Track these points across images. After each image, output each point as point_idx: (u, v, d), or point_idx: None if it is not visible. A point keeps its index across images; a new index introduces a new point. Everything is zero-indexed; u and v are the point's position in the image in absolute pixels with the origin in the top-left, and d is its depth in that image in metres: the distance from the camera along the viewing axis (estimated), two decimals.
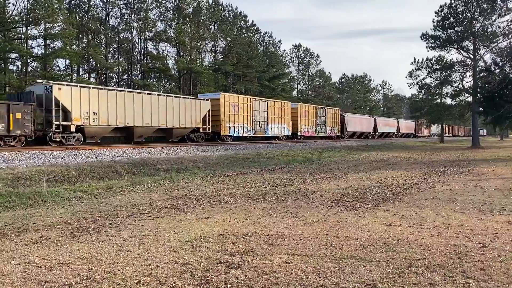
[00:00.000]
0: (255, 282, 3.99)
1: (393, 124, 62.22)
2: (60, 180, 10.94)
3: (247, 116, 30.22)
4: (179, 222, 6.65)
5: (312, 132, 38.85)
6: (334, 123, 43.27)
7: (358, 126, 49.35)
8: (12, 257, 4.81)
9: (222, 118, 27.80)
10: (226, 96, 29.04)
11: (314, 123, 39.22)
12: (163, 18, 43.90)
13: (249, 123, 30.38)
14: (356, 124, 48.96)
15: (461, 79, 38.48)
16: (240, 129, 29.45)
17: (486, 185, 11.20)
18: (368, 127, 52.04)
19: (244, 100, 30.47)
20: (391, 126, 61.30)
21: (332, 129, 42.73)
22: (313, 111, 39.35)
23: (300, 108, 37.26)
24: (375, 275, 4.14)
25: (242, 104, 29.92)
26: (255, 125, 31.13)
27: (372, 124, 53.48)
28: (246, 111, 30.09)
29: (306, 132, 37.76)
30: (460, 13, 36.80)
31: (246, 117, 30.15)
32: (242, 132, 29.58)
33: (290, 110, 35.29)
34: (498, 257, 4.76)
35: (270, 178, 12.97)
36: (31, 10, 30.49)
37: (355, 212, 7.43)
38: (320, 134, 40.22)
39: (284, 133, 34.27)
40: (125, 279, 4.08)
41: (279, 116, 33.82)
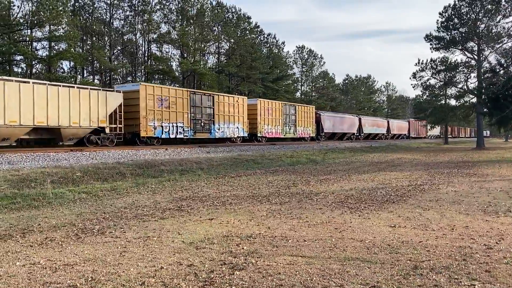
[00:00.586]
0: (259, 283, 3.98)
1: (382, 125, 56.24)
2: (64, 182, 10.98)
3: (182, 113, 24.27)
4: (183, 224, 6.66)
5: (278, 133, 33.61)
6: (307, 122, 37.81)
7: (338, 126, 44.11)
8: (17, 259, 4.83)
9: (142, 115, 21.95)
10: (148, 87, 22.93)
11: (280, 123, 33.85)
12: (167, 20, 44.03)
13: (186, 121, 24.54)
14: (335, 124, 43.62)
15: (466, 80, 38.38)
16: (172, 129, 23.76)
17: (491, 186, 11.14)
18: (351, 128, 46.86)
19: (177, 94, 24.36)
20: (380, 126, 55.45)
21: (305, 130, 37.35)
22: (279, 108, 34.03)
23: (261, 104, 31.82)
24: (379, 277, 4.13)
25: (174, 99, 23.91)
26: (194, 125, 25.27)
27: (356, 124, 48.11)
28: (181, 107, 24.26)
29: (269, 133, 32.45)
30: (464, 14, 36.70)
31: (182, 114, 24.25)
32: (175, 133, 23.98)
33: (246, 107, 29.85)
34: (503, 258, 4.73)
35: (274, 179, 12.97)
36: (35, 13, 30.63)
37: (359, 214, 7.41)
38: (288, 135, 35.19)
39: (238, 134, 28.86)
40: (129, 280, 4.08)
41: (230, 113, 28.14)
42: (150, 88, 22.89)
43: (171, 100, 23.74)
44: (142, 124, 22.02)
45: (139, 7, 41.41)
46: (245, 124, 29.78)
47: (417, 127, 67.32)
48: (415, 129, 67.35)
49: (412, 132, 66.11)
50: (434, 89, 40.29)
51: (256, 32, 55.05)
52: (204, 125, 26.19)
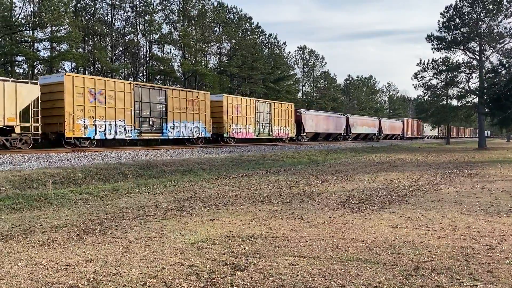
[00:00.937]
0: (261, 284, 3.98)
1: (372, 124, 52.57)
2: (66, 182, 11.00)
3: (124, 110, 20.76)
4: (185, 224, 6.66)
5: (249, 133, 30.24)
6: (286, 121, 34.41)
7: (321, 125, 40.55)
8: (19, 259, 4.83)
9: (68, 112, 18.50)
10: (76, 78, 19.33)
11: (252, 122, 30.34)
12: (168, 21, 44.07)
13: (129, 119, 20.99)
14: (318, 124, 40.00)
15: (467, 80, 38.35)
16: (109, 129, 20.30)
17: (493, 186, 11.12)
18: (337, 127, 43.51)
19: (116, 86, 20.84)
20: (370, 126, 51.85)
21: (283, 130, 34.03)
22: (251, 106, 30.43)
23: (227, 101, 28.31)
24: (381, 277, 4.12)
25: (112, 92, 20.44)
26: (140, 123, 21.78)
27: (344, 123, 45.01)
28: (122, 103, 20.68)
29: (239, 133, 29.15)
30: (466, 14, 36.68)
31: (123, 110, 20.74)
32: (113, 133, 20.56)
33: (209, 103, 26.51)
34: (505, 259, 4.72)
35: (276, 180, 12.97)
36: (37, 13, 30.70)
37: (361, 214, 7.41)
38: (262, 136, 31.96)
39: (198, 134, 25.49)
40: (131, 281, 4.09)
41: (189, 111, 24.60)
42: (78, 80, 19.26)
43: (108, 94, 20.21)
44: (67, 123, 18.46)
45: (141, 7, 41.44)
46: (208, 123, 26.29)
47: (412, 127, 64.72)
48: (411, 129, 64.23)
49: (407, 132, 62.49)
50: (436, 89, 40.27)
51: (257, 32, 55.05)
52: (154, 124, 22.51)
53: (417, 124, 66.37)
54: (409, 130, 63.09)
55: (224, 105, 27.90)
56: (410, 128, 63.70)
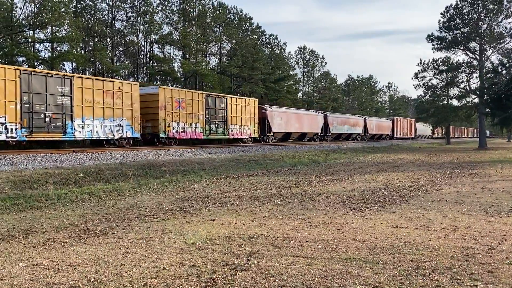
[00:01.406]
0: (261, 284, 3.99)
1: (356, 123, 47.40)
2: (67, 183, 11.01)
3: (5, 103, 16.17)
4: (185, 224, 6.67)
5: (196, 133, 24.98)
6: (247, 119, 29.35)
7: (293, 124, 35.28)
8: (20, 259, 4.84)
9: None
10: None
11: (200, 119, 25.13)
12: (169, 21, 44.10)
13: (13, 116, 16.47)
14: (289, 122, 34.68)
15: (468, 80, 38.31)
16: None
17: (494, 186, 11.12)
18: (312, 127, 38.14)
19: None
20: (354, 125, 46.85)
21: (242, 129, 28.96)
22: (199, 100, 25.18)
23: (166, 93, 23.13)
24: (381, 278, 4.12)
25: None
26: (30, 120, 17.05)
27: (321, 122, 39.57)
28: (2, 94, 16.18)
29: (181, 132, 23.89)
30: (466, 14, 36.67)
31: (3, 104, 16.16)
32: None
33: (138, 96, 21.65)
34: (506, 259, 4.72)
35: (276, 180, 12.97)
36: (38, 14, 30.74)
37: (361, 214, 7.41)
38: (215, 136, 26.67)
39: (122, 134, 20.77)
40: (132, 281, 4.09)
41: (106, 105, 19.86)
42: None
43: None
44: None
45: (141, 8, 41.48)
46: (136, 120, 21.47)
47: (403, 126, 59.96)
48: (401, 128, 59.16)
49: (397, 132, 57.33)
50: (436, 89, 40.24)
51: (257, 32, 55.07)
52: (53, 121, 17.81)
53: (409, 123, 62.52)
54: (399, 129, 58.51)
55: (160, 99, 22.74)
56: (401, 127, 59.22)
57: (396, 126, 57.10)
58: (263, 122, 31.74)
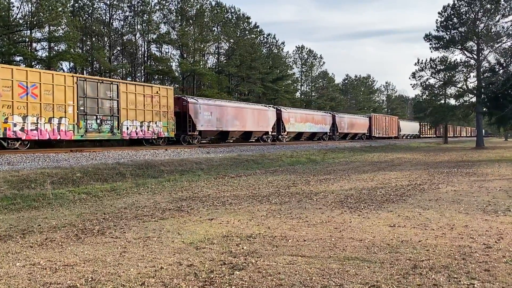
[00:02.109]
0: (259, 283, 3.99)
1: (322, 120, 40.37)
2: (64, 182, 10.99)
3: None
4: (183, 224, 6.67)
5: (64, 132, 18.53)
6: (156, 114, 22.81)
7: (229, 121, 28.31)
8: (17, 259, 4.83)
9: None
10: None
11: (69, 112, 18.66)
12: (167, 21, 44.08)
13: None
14: (223, 118, 27.87)
15: (465, 79, 38.39)
16: None
17: (491, 185, 11.15)
18: (260, 124, 31.43)
19: None
20: (319, 123, 39.78)
21: (147, 126, 22.32)
22: (66, 86, 18.61)
23: (3, 75, 16.45)
24: (379, 276, 4.14)
25: None
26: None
27: (272, 119, 32.81)
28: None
29: (30, 130, 17.31)
30: (464, 13, 36.74)
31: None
32: None
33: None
34: (502, 258, 4.74)
35: (274, 179, 12.98)
36: (35, 13, 30.66)
37: (359, 213, 7.42)
38: (95, 136, 20.14)
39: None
40: (129, 280, 4.09)
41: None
42: None
43: None
44: None
45: (139, 7, 41.44)
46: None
47: (383, 124, 53.80)
48: (381, 127, 52.88)
49: (375, 130, 51.25)
50: (434, 88, 40.29)
51: (255, 32, 55.08)
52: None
53: (390, 121, 56.78)
54: (378, 127, 52.25)
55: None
56: (380, 125, 52.91)
57: (374, 124, 51.36)
58: (184, 119, 25.09)
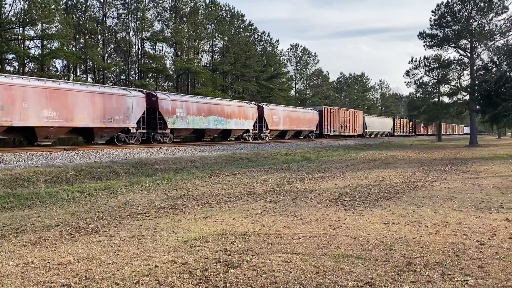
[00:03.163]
0: (254, 281, 3.99)
1: (239, 114, 29.86)
2: (58, 181, 10.93)
3: None
4: (178, 222, 6.65)
5: None
6: None
7: (88, 111, 19.44)
8: (11, 258, 4.80)
9: None
10: None
11: None
12: (160, 18, 43.86)
13: None
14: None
15: (459, 77, 38.56)
16: None
17: (484, 183, 11.22)
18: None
19: None
20: (232, 117, 28.94)
21: None
22: None
23: None
24: (373, 273, 4.15)
25: None
26: None
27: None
28: None
29: None
30: (457, 11, 36.89)
31: None
32: None
33: None
34: (496, 254, 4.77)
35: (269, 177, 12.98)
36: (27, 11, 30.38)
37: (353, 211, 7.44)
38: None
39: None
40: (124, 279, 4.08)
41: None
42: None
43: None
44: None
45: (132, 5, 41.20)
46: None
47: (340, 119, 43.71)
48: (337, 123, 42.96)
49: (327, 127, 41.28)
50: (428, 86, 40.45)
51: (250, 30, 54.97)
52: None
53: (351, 116, 46.20)
54: (332, 124, 42.14)
55: None
56: (336, 121, 42.73)
57: (326, 119, 40.84)
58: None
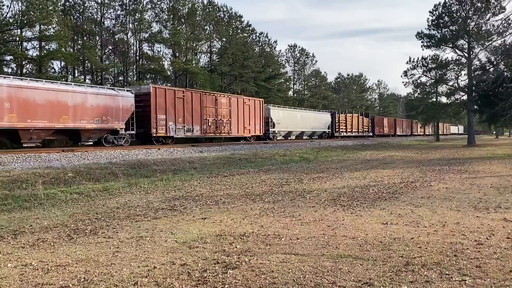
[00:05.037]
0: (252, 282, 3.99)
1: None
2: (56, 182, 10.91)
3: None
4: (176, 223, 6.65)
5: None
6: None
7: None
8: (9, 260, 4.79)
9: None
10: None
11: None
12: (158, 19, 43.81)
13: None
14: None
15: (456, 77, 38.70)
16: None
17: (482, 183, 11.25)
18: None
19: None
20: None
21: None
22: None
23: None
24: (372, 274, 4.16)
25: None
26: None
27: None
28: None
29: None
30: (455, 12, 37.00)
31: None
32: None
33: None
34: (493, 254, 4.78)
35: (267, 178, 12.98)
36: (25, 12, 30.33)
37: (351, 211, 7.45)
38: None
39: None
40: (122, 280, 4.08)
41: None
42: None
43: None
44: None
45: (130, 6, 41.16)
46: None
47: (200, 112, 25.84)
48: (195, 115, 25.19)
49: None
50: (425, 86, 40.56)
51: (248, 31, 54.95)
52: None
53: (238, 106, 28.83)
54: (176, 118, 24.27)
55: None
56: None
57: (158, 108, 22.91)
58: None
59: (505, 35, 34.86)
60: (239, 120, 28.87)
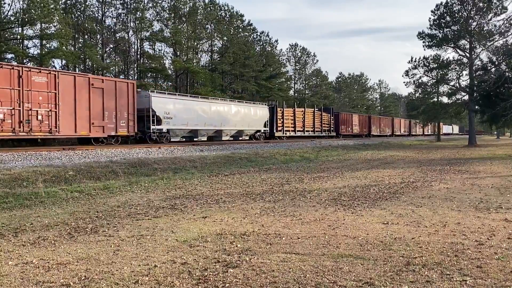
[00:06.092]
0: (253, 281, 3.99)
1: None
2: (57, 181, 10.91)
3: None
4: (177, 222, 6.65)
5: None
6: None
7: None
8: (10, 258, 4.79)
9: None
10: None
11: None
12: (160, 18, 43.86)
13: None
14: None
15: (458, 77, 38.61)
16: None
17: (483, 183, 11.24)
18: None
19: None
20: None
21: None
22: None
23: None
24: (372, 273, 4.15)
25: None
26: None
27: None
28: None
29: None
30: (456, 12, 36.94)
31: None
32: None
33: None
34: (494, 254, 4.78)
35: (268, 177, 12.98)
36: (26, 10, 30.35)
37: (352, 211, 7.45)
38: None
39: None
40: (123, 279, 4.08)
41: None
42: None
43: None
44: None
45: (132, 5, 41.21)
46: None
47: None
48: None
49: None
50: (427, 86, 40.47)
51: (249, 30, 54.99)
52: None
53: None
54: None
55: None
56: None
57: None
58: None
59: (507, 35, 34.90)
60: None
